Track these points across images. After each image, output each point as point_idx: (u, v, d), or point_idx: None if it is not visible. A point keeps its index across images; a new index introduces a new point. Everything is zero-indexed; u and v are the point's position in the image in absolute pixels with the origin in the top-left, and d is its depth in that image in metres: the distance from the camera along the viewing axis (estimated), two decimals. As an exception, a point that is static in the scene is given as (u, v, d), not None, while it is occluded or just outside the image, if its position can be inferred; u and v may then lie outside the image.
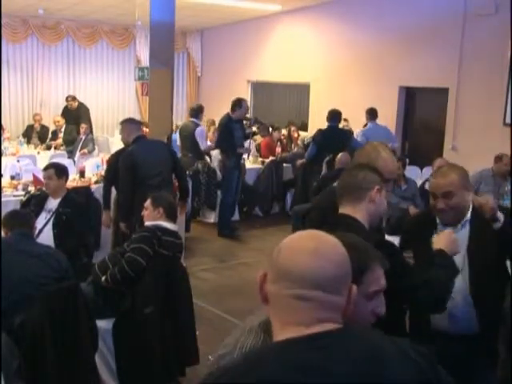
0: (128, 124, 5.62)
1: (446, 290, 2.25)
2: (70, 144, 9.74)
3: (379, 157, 2.66)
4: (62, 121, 10.17)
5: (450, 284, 2.26)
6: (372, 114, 8.40)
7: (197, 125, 7.86)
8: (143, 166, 5.28)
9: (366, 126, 8.65)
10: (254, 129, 9.08)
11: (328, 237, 1.26)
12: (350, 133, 8.25)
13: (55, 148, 9.70)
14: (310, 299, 1.18)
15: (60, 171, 4.96)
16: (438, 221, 2.68)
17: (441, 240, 2.36)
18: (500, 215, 2.56)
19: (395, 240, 2.97)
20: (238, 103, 7.53)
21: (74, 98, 10.68)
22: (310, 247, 1.20)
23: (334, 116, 7.81)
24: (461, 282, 2.53)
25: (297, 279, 1.18)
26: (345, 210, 2.28)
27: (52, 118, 10.70)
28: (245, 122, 8.07)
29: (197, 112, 7.96)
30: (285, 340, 1.17)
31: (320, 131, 7.91)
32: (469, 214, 2.61)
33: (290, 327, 1.19)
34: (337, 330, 1.18)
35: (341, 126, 8.76)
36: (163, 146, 5.78)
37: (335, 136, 7.60)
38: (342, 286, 1.21)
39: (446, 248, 2.31)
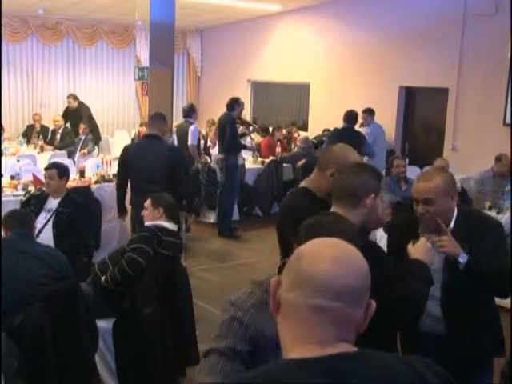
0: (149, 120, 5.76)
1: (421, 304, 2.28)
2: (65, 147, 9.72)
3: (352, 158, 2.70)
4: (61, 122, 10.14)
5: (424, 297, 2.27)
6: (372, 113, 8.40)
7: (191, 124, 7.82)
8: (134, 164, 5.28)
9: (363, 125, 8.55)
10: (250, 129, 9.07)
11: (349, 246, 1.22)
12: (364, 137, 7.89)
13: (53, 149, 9.68)
14: (329, 311, 1.11)
15: (62, 171, 4.97)
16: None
17: (417, 249, 2.34)
18: (462, 255, 2.40)
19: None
20: (236, 101, 7.59)
21: (75, 98, 10.61)
22: (333, 255, 1.15)
23: (350, 117, 7.76)
24: (439, 287, 2.50)
25: (318, 288, 1.12)
26: (336, 210, 2.25)
27: (52, 118, 10.67)
28: (238, 120, 8.11)
29: (188, 111, 7.89)
30: (298, 360, 1.11)
31: (336, 130, 7.86)
32: (453, 222, 2.52)
33: (304, 344, 1.13)
34: (353, 354, 1.12)
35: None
36: (163, 150, 5.38)
37: (349, 137, 7.50)
38: (361, 299, 1.15)
39: (421, 258, 2.28)
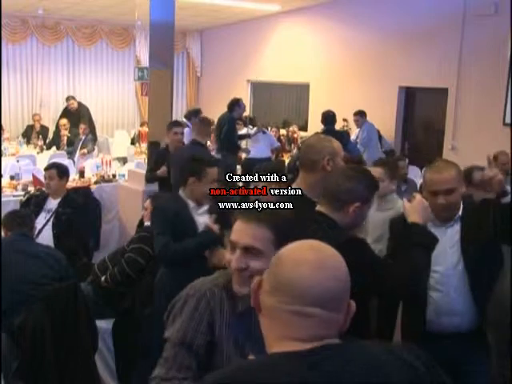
0: (199, 125, 5.86)
1: (427, 268, 2.29)
2: (71, 145, 9.72)
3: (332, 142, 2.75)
4: (68, 124, 10.06)
5: (429, 260, 2.26)
6: (364, 114, 8.42)
7: (186, 126, 7.83)
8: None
9: (359, 126, 8.55)
10: (251, 131, 9.05)
11: (328, 248, 1.24)
12: (347, 135, 8.13)
13: (58, 147, 9.65)
14: (310, 316, 1.15)
15: (62, 171, 4.97)
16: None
17: (415, 208, 2.29)
18: (509, 189, 2.49)
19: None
20: (236, 103, 7.63)
21: (73, 98, 10.63)
22: (312, 260, 1.18)
23: (329, 119, 7.76)
24: (455, 277, 2.53)
25: (298, 294, 1.15)
26: (321, 209, 2.29)
27: (52, 118, 10.66)
28: (239, 122, 8.12)
29: (190, 114, 7.94)
30: (281, 353, 1.14)
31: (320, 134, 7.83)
32: (460, 210, 2.59)
33: (287, 341, 1.17)
34: (334, 346, 1.16)
35: (340, 126, 8.73)
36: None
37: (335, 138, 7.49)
38: (341, 303, 1.19)
39: (420, 217, 2.26)
